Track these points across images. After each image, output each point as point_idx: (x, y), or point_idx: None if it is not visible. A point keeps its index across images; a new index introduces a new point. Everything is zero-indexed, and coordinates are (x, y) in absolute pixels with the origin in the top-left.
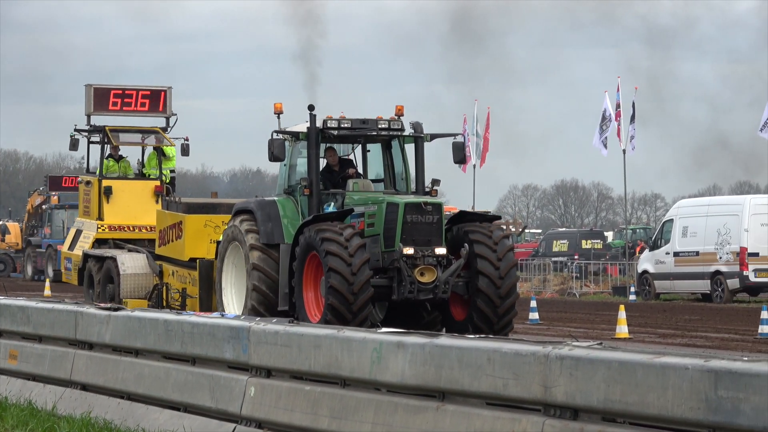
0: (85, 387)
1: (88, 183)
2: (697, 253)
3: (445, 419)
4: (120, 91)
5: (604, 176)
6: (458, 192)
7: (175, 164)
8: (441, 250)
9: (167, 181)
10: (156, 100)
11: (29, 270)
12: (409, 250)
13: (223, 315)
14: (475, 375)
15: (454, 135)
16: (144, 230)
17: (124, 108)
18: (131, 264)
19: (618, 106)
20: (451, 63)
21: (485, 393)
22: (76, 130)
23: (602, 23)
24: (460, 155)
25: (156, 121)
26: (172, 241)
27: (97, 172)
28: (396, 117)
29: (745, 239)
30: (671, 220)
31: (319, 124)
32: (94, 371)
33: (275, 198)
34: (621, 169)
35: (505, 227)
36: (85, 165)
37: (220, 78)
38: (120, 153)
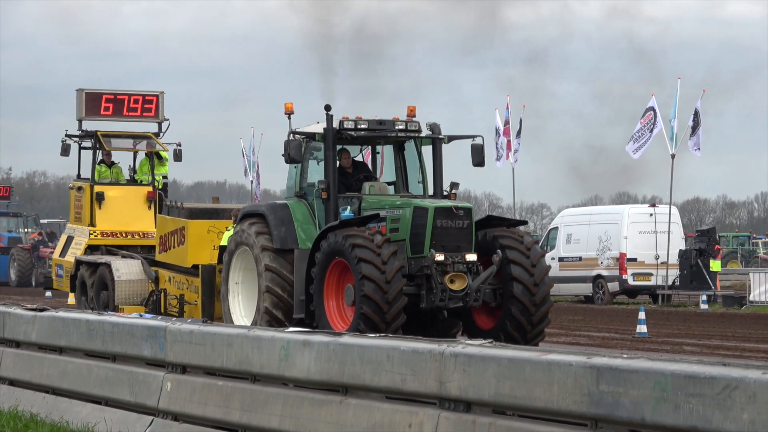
0: (12, 382)
1: (79, 189)
2: (580, 259)
3: (348, 412)
4: (112, 96)
5: (495, 188)
6: None
7: (168, 170)
8: (472, 257)
9: (159, 186)
10: (148, 105)
11: None
12: (440, 257)
13: (141, 315)
14: (375, 371)
15: (473, 137)
16: (137, 236)
17: (116, 113)
18: (126, 270)
19: (507, 122)
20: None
21: (385, 388)
22: (67, 135)
23: (490, 48)
24: (479, 158)
25: (148, 127)
26: (174, 247)
27: (90, 178)
28: (410, 118)
29: (625, 246)
30: (556, 228)
31: (335, 124)
32: (21, 368)
33: (286, 201)
34: (510, 181)
35: None
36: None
37: None
38: (112, 159)
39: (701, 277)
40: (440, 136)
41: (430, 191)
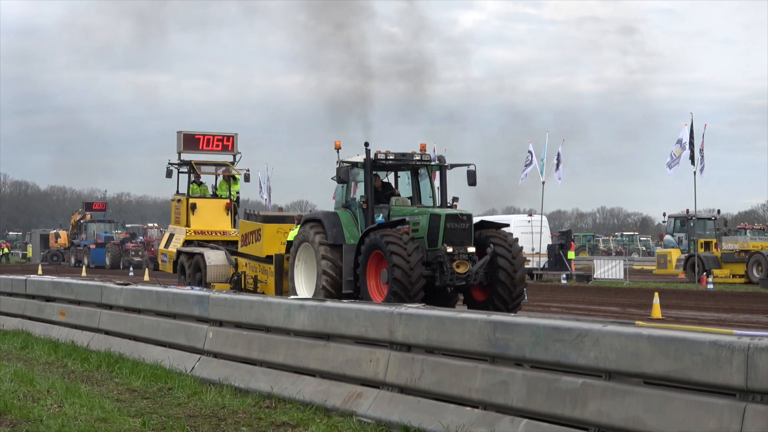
0: (107, 332)
1: (179, 201)
2: None
3: (329, 352)
4: (201, 137)
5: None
6: None
7: (239, 188)
8: (471, 249)
9: (234, 199)
10: (227, 142)
11: (72, 260)
12: (450, 249)
13: (192, 288)
14: (348, 325)
15: (468, 165)
16: (219, 234)
17: (205, 148)
18: (215, 258)
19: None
20: None
21: (354, 335)
22: (170, 163)
23: (419, 110)
24: (472, 179)
25: (226, 157)
26: (252, 242)
27: (186, 193)
28: (423, 151)
29: None
30: None
31: (371, 156)
32: (113, 323)
33: (335, 210)
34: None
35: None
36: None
37: None
38: (201, 180)
39: (562, 263)
40: (445, 164)
41: (438, 203)
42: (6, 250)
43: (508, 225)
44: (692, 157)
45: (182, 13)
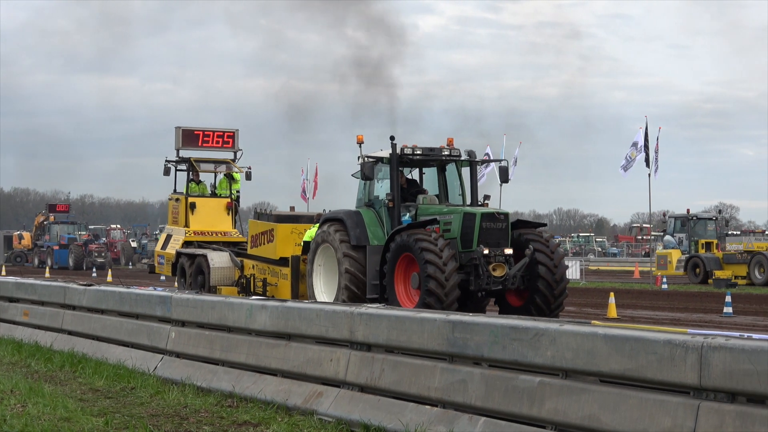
0: (70, 333)
1: (177, 200)
2: None
3: (291, 351)
4: (201, 133)
5: None
6: None
7: (240, 186)
8: (509, 251)
9: (235, 198)
10: (228, 138)
11: (36, 261)
12: (486, 251)
13: (154, 288)
14: (309, 324)
15: (500, 161)
16: (219, 235)
17: (205, 144)
18: (219, 260)
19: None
20: None
21: (315, 335)
22: (167, 161)
23: (375, 115)
24: (504, 176)
25: (226, 154)
26: (264, 243)
27: (185, 192)
28: (451, 146)
29: None
30: None
31: (396, 150)
32: (76, 323)
33: (357, 209)
34: None
35: None
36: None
37: None
38: (200, 178)
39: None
40: (476, 160)
41: (468, 201)
42: None
43: (545, 225)
44: (647, 160)
45: (145, 18)
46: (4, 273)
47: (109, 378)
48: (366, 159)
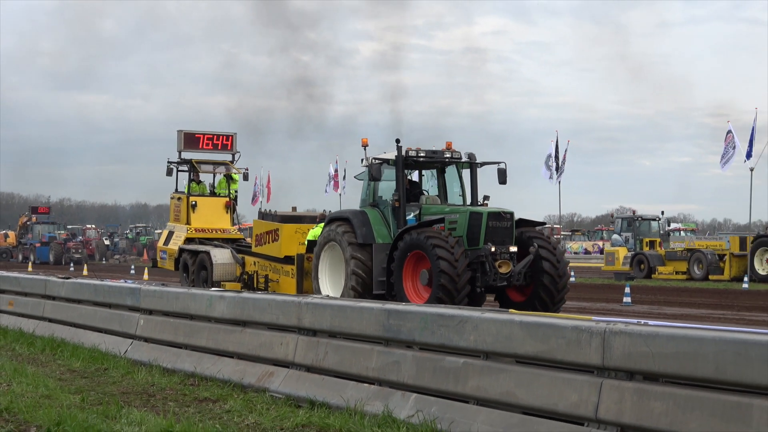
0: (50, 320)
1: (179, 199)
2: None
3: (245, 336)
4: (201, 136)
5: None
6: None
7: (237, 186)
8: (514, 248)
9: (233, 197)
10: (226, 141)
11: (20, 257)
12: (492, 248)
13: (126, 282)
14: (262, 313)
15: (498, 162)
16: (219, 232)
17: (205, 147)
18: (221, 256)
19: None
20: None
21: (267, 322)
22: (169, 162)
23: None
24: (503, 178)
25: (225, 156)
26: (269, 242)
27: (186, 191)
28: (452, 149)
29: None
30: None
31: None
32: (56, 312)
33: (362, 209)
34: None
35: None
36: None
37: None
38: (200, 178)
39: None
40: (476, 162)
41: (468, 201)
42: None
43: (545, 223)
44: (558, 169)
45: (119, 41)
46: None
47: (85, 360)
48: (374, 161)
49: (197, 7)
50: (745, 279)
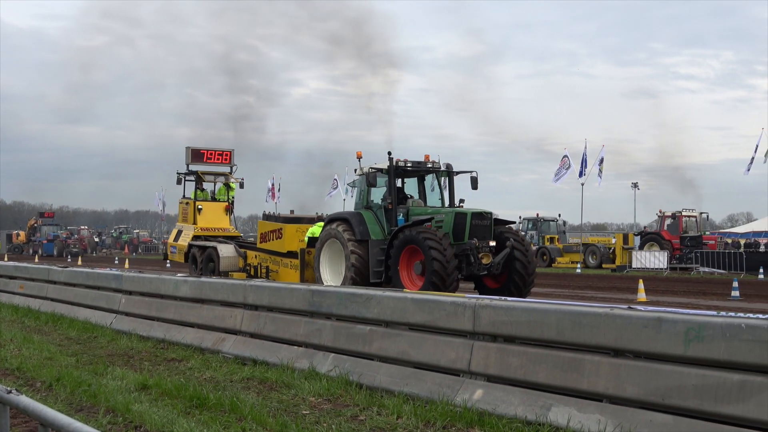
0: (52, 300)
1: (186, 203)
2: None
3: (204, 311)
4: (205, 152)
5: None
6: None
7: (235, 193)
8: (492, 243)
9: (231, 202)
10: (226, 156)
11: (30, 251)
12: (476, 243)
13: (111, 270)
14: (215, 293)
15: (471, 172)
16: (220, 231)
17: (208, 160)
18: (226, 251)
19: (274, 189)
20: None
21: (220, 300)
22: (179, 173)
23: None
24: (475, 185)
25: (225, 168)
26: (273, 240)
27: (193, 197)
28: (431, 160)
29: None
30: None
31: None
32: (57, 294)
33: (357, 211)
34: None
35: None
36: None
37: None
38: (203, 186)
39: None
40: (453, 171)
41: (446, 204)
42: None
43: (515, 222)
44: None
45: (107, 85)
46: (6, 259)
47: (79, 330)
48: (370, 170)
49: (168, 60)
50: (578, 265)
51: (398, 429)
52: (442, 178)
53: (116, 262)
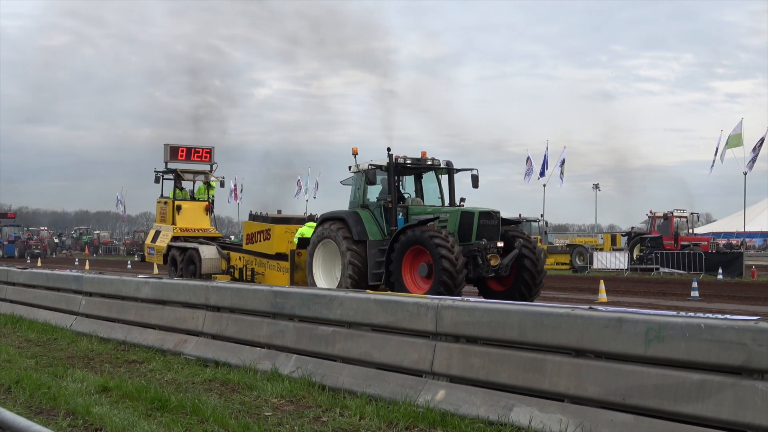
0: (12, 301)
1: (165, 203)
2: None
3: (165, 312)
4: (185, 149)
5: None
6: None
7: (215, 192)
8: (500, 243)
9: (211, 202)
10: (206, 154)
11: None
12: (485, 243)
13: (71, 271)
14: (177, 294)
15: (471, 169)
16: (200, 231)
17: (187, 158)
18: (208, 252)
19: (236, 190)
20: None
21: (182, 301)
22: (156, 171)
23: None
24: (475, 183)
25: (205, 166)
26: (260, 241)
27: (172, 197)
28: (430, 157)
29: None
30: None
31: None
32: (15, 295)
33: (353, 210)
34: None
35: None
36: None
37: None
38: (182, 185)
39: None
40: (454, 168)
41: (446, 202)
42: None
43: (521, 221)
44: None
45: (68, 84)
46: None
47: (39, 332)
48: (369, 167)
49: (130, 60)
50: (568, 267)
51: (361, 430)
52: (442, 176)
53: (76, 263)
